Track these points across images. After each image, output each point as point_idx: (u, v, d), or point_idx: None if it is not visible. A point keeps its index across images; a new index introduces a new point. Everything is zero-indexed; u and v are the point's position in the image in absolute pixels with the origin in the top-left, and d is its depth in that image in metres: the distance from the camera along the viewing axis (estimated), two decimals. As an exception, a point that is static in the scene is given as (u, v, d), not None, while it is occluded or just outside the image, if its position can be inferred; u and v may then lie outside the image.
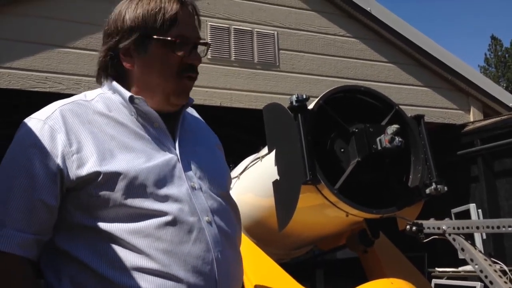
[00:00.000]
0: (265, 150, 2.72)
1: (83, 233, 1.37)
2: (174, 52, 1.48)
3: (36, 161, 1.35)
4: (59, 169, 1.35)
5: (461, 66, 6.39)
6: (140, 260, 1.34)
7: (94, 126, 1.42)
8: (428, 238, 2.35)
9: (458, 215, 5.72)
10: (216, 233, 1.43)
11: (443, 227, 2.31)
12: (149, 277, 1.33)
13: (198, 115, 1.72)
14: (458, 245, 2.29)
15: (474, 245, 2.30)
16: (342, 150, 2.42)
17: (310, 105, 2.45)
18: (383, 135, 2.34)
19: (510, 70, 31.43)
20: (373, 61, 6.00)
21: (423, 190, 2.46)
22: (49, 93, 4.44)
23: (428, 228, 2.35)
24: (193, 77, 1.54)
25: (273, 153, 2.47)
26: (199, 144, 1.58)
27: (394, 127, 2.34)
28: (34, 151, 1.36)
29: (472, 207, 5.81)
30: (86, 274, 1.34)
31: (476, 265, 2.22)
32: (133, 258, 1.34)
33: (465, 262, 2.84)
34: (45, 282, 1.39)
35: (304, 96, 2.35)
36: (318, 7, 5.82)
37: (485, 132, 6.08)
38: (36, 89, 4.43)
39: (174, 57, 1.49)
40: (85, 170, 1.35)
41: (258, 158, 2.86)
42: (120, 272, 1.33)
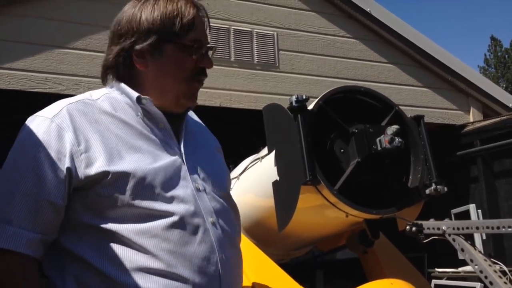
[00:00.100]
0: (264, 150, 2.72)
1: (89, 232, 1.36)
2: (190, 56, 1.50)
3: (43, 159, 1.35)
4: (68, 168, 1.35)
5: (461, 66, 6.40)
6: (146, 260, 1.34)
7: (100, 126, 1.42)
8: (428, 239, 2.35)
9: (458, 215, 5.72)
10: (220, 234, 1.45)
11: (443, 228, 2.31)
12: (154, 277, 1.33)
13: (198, 118, 1.73)
14: (458, 245, 2.29)
15: (474, 246, 2.30)
16: (342, 150, 2.42)
17: (310, 106, 2.44)
18: (383, 136, 2.34)
19: (509, 70, 31.43)
20: (373, 61, 6.01)
21: (423, 191, 2.45)
22: (49, 93, 4.44)
23: (428, 228, 2.35)
24: (203, 80, 1.56)
25: (273, 153, 2.47)
26: (200, 147, 1.59)
27: (394, 127, 2.33)
28: (42, 149, 1.35)
29: (472, 207, 5.81)
30: (91, 273, 1.34)
31: (476, 265, 2.22)
32: (139, 258, 1.34)
33: (465, 262, 2.84)
34: (49, 281, 1.39)
35: (303, 97, 2.35)
36: (318, 8, 5.82)
37: (484, 132, 6.09)
38: (35, 90, 4.44)
39: (189, 61, 1.50)
40: (93, 169, 1.35)
41: (258, 158, 2.86)
42: (125, 272, 1.33)
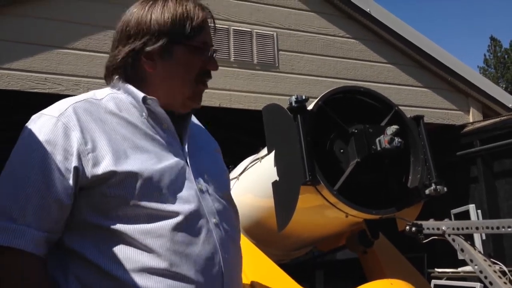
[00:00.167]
0: (264, 151, 2.71)
1: (94, 232, 1.36)
2: (199, 58, 1.51)
3: (50, 157, 1.34)
4: (75, 167, 1.34)
5: (461, 67, 6.40)
6: (151, 260, 1.34)
7: (106, 125, 1.42)
8: (427, 239, 2.35)
9: (457, 215, 5.72)
10: (222, 235, 1.46)
11: (443, 228, 2.31)
12: (159, 277, 1.34)
13: (197, 121, 1.74)
14: (458, 245, 2.29)
15: (473, 246, 2.30)
16: (341, 150, 2.42)
17: (310, 106, 2.44)
18: (382, 136, 2.34)
19: (509, 71, 31.44)
20: (372, 62, 6.01)
21: (423, 191, 2.45)
22: (48, 94, 4.44)
23: (428, 228, 2.35)
24: (207, 82, 1.58)
25: (273, 154, 2.47)
26: (200, 148, 1.60)
27: (394, 127, 2.33)
28: (48, 148, 1.35)
29: (472, 207, 5.81)
30: (94, 273, 1.34)
31: (476, 265, 2.22)
32: (144, 258, 1.34)
33: (465, 262, 2.84)
34: (52, 280, 1.38)
35: (303, 97, 2.35)
36: (318, 8, 5.82)
37: (484, 132, 6.09)
38: (35, 90, 4.44)
39: (198, 63, 1.52)
40: (101, 169, 1.35)
41: (258, 159, 2.85)
42: (129, 272, 1.33)
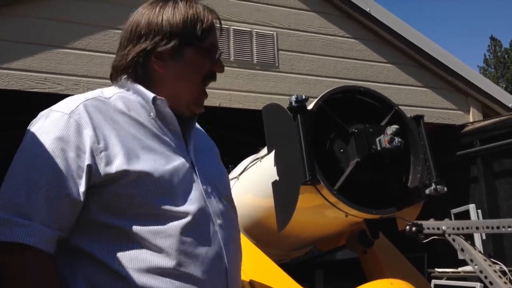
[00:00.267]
0: (264, 150, 2.71)
1: (103, 231, 1.36)
2: (207, 60, 1.54)
3: (63, 155, 1.33)
4: (88, 166, 1.34)
5: (461, 66, 6.40)
6: (160, 260, 1.35)
7: (116, 124, 1.42)
8: (427, 239, 2.35)
9: (457, 215, 5.72)
10: (225, 235, 1.48)
11: (443, 228, 2.31)
12: (167, 277, 1.34)
13: (197, 123, 1.74)
14: (458, 245, 2.29)
15: (473, 246, 2.30)
16: (341, 150, 2.42)
17: (310, 106, 2.44)
18: (382, 136, 2.34)
19: (509, 70, 31.44)
20: (372, 61, 6.01)
21: (423, 191, 2.45)
22: (48, 93, 4.44)
23: (428, 228, 2.34)
24: (208, 85, 1.60)
25: (273, 153, 2.47)
26: (201, 151, 1.61)
27: (394, 127, 2.33)
28: (61, 145, 1.34)
29: (472, 207, 5.81)
30: (103, 272, 1.34)
31: (476, 265, 2.21)
32: (152, 258, 1.34)
33: (465, 262, 2.84)
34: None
35: (303, 97, 2.35)
36: (317, 8, 5.82)
37: (484, 132, 6.09)
38: (35, 90, 4.44)
39: (206, 65, 1.54)
40: (114, 168, 1.35)
41: (258, 158, 2.85)
42: (137, 272, 1.33)
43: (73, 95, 1.52)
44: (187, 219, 1.39)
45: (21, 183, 1.31)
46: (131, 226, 1.35)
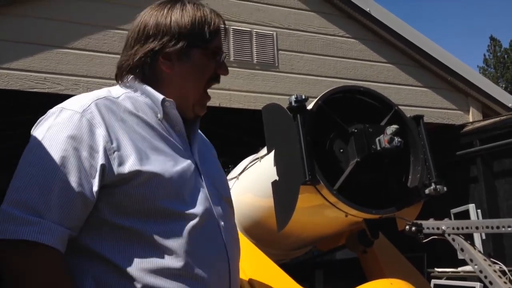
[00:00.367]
0: (264, 150, 2.71)
1: (112, 231, 1.36)
2: (213, 62, 1.55)
3: (75, 154, 1.33)
4: (102, 165, 1.34)
5: (461, 66, 6.40)
6: (168, 261, 1.35)
7: (126, 124, 1.42)
8: (427, 239, 2.35)
9: (457, 215, 5.72)
10: (228, 236, 1.50)
11: (443, 228, 2.31)
12: (175, 277, 1.35)
13: None
14: (458, 245, 2.29)
15: (473, 245, 2.30)
16: (341, 150, 2.42)
17: (309, 106, 2.44)
18: (382, 136, 2.33)
19: (509, 70, 31.44)
20: (372, 61, 6.01)
21: (423, 191, 2.45)
22: (48, 93, 4.44)
23: (428, 228, 2.34)
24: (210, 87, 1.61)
25: (272, 153, 2.47)
26: (202, 152, 1.62)
27: (394, 127, 2.33)
28: (74, 144, 1.34)
29: (471, 207, 5.81)
30: (112, 272, 1.34)
31: (476, 265, 2.21)
32: (161, 259, 1.35)
33: (465, 262, 2.84)
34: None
35: (303, 97, 2.35)
36: (317, 8, 5.82)
37: (484, 132, 6.09)
38: (34, 90, 4.43)
39: (212, 67, 1.56)
40: (127, 168, 1.35)
41: (257, 158, 2.85)
42: (146, 272, 1.34)
43: (73, 95, 1.52)
44: (195, 220, 1.41)
45: (34, 182, 1.30)
46: (140, 227, 1.35)
